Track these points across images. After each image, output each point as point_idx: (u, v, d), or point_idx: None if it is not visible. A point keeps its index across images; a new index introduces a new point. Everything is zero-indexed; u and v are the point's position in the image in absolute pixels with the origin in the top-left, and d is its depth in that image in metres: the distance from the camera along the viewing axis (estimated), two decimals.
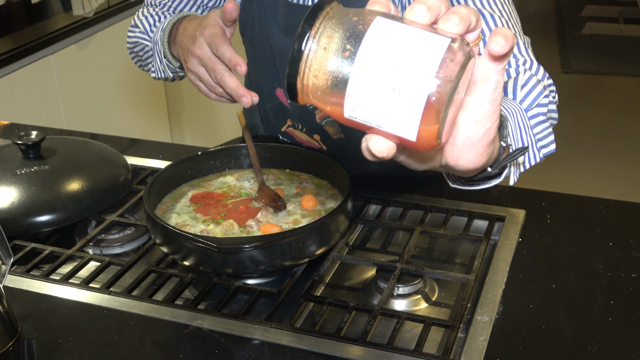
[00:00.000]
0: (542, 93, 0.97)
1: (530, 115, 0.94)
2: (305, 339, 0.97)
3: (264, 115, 1.44)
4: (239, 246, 1.00)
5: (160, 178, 1.21)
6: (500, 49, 0.62)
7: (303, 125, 1.35)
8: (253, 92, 1.08)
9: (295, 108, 1.33)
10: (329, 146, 1.36)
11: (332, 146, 1.35)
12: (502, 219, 1.23)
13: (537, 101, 0.96)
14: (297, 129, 1.36)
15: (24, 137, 1.28)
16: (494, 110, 0.66)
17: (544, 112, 0.97)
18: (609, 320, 0.99)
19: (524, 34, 1.22)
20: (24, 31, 2.44)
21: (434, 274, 1.11)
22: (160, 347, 0.97)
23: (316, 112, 1.31)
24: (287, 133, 1.40)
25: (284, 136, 1.42)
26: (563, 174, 3.62)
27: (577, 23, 5.57)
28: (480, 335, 0.96)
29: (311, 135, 1.35)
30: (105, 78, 2.85)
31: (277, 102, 1.36)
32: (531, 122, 0.94)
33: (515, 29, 1.11)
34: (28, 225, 1.20)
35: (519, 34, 1.13)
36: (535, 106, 0.96)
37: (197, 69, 1.13)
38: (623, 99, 4.47)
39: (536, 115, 0.95)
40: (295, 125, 1.36)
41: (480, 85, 0.65)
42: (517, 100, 0.95)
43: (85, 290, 1.08)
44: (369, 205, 1.30)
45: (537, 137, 0.95)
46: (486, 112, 0.66)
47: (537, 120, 0.95)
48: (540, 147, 0.96)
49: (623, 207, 1.27)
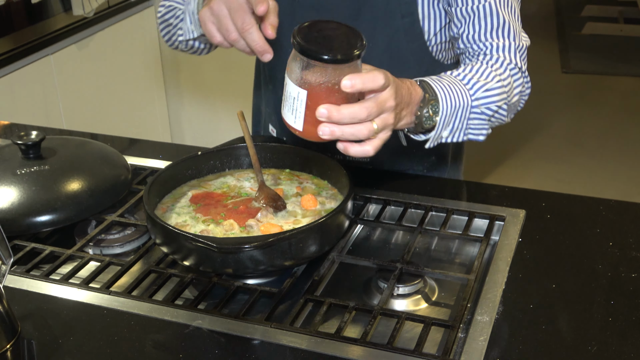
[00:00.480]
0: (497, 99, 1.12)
1: (474, 111, 1.11)
2: (305, 339, 0.97)
3: (273, 90, 1.43)
4: (239, 246, 1.00)
5: (160, 178, 1.21)
6: (348, 89, 0.88)
7: None
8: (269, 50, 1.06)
9: None
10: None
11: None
12: (502, 219, 1.23)
13: (488, 103, 1.12)
14: None
15: (24, 137, 1.28)
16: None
17: (488, 114, 1.13)
18: (609, 320, 0.99)
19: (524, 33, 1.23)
20: (24, 31, 2.45)
21: (434, 274, 1.11)
22: (160, 347, 0.97)
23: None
24: None
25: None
26: (563, 174, 3.63)
27: (577, 23, 5.57)
28: (480, 335, 0.96)
29: None
30: (105, 78, 2.85)
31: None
32: (471, 115, 1.11)
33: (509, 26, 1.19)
34: (28, 225, 1.20)
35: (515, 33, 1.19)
36: (483, 106, 1.12)
37: (221, 9, 1.06)
38: (623, 99, 4.47)
39: (479, 114, 1.12)
40: None
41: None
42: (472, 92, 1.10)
43: (85, 290, 1.08)
44: (369, 205, 1.30)
45: (470, 126, 1.12)
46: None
47: (477, 117, 1.12)
48: (468, 134, 1.13)
49: (623, 207, 1.27)
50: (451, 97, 1.07)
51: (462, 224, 1.24)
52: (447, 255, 1.22)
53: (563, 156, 3.81)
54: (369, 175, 1.39)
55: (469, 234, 1.20)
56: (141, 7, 3.01)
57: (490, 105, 1.12)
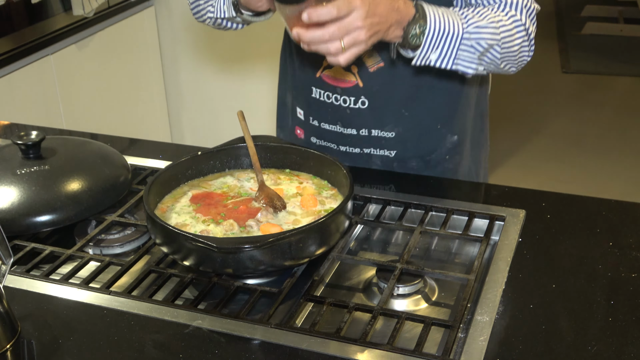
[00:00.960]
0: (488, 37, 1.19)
1: (464, 42, 1.18)
2: (305, 339, 0.97)
3: (298, 65, 1.44)
4: (239, 246, 1.00)
5: (160, 178, 1.21)
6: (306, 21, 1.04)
7: None
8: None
9: None
10: (365, 80, 1.35)
11: (368, 80, 1.35)
12: (502, 219, 1.23)
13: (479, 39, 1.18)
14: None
15: (24, 137, 1.28)
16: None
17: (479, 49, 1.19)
18: (609, 320, 0.99)
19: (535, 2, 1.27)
20: (24, 31, 2.45)
21: (434, 274, 1.11)
22: (160, 347, 0.97)
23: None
24: (322, 80, 1.39)
25: (319, 86, 1.40)
26: (563, 174, 3.63)
27: (577, 23, 5.57)
28: (480, 335, 0.96)
29: (349, 68, 1.35)
30: (105, 78, 2.85)
31: None
32: (461, 46, 1.18)
33: None
34: (28, 225, 1.20)
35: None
36: (473, 40, 1.18)
37: None
38: (623, 99, 4.47)
39: (469, 46, 1.18)
40: None
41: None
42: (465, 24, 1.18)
43: (85, 290, 1.08)
44: (369, 205, 1.30)
45: (460, 57, 1.19)
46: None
47: (467, 49, 1.18)
48: (457, 64, 1.20)
49: (623, 207, 1.27)
50: (441, 22, 1.16)
51: (462, 224, 1.24)
52: (447, 255, 1.22)
53: (563, 156, 3.81)
54: (369, 175, 1.39)
55: (469, 234, 1.20)
56: (141, 7, 3.01)
57: (481, 42, 1.19)
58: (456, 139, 1.42)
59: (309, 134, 1.47)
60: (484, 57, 1.21)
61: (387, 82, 1.34)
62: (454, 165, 1.44)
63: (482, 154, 1.52)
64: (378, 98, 1.36)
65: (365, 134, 1.39)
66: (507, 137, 3.92)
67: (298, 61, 1.44)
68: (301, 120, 1.47)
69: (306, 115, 1.46)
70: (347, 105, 1.38)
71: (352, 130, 1.40)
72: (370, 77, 1.35)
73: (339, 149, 1.43)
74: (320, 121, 1.43)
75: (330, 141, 1.44)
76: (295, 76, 1.46)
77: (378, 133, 1.39)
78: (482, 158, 1.52)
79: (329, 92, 1.39)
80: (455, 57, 1.19)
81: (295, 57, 1.44)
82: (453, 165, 1.44)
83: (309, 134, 1.47)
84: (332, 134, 1.43)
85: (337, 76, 1.37)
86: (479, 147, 1.50)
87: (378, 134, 1.39)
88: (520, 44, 1.24)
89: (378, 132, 1.39)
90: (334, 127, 1.41)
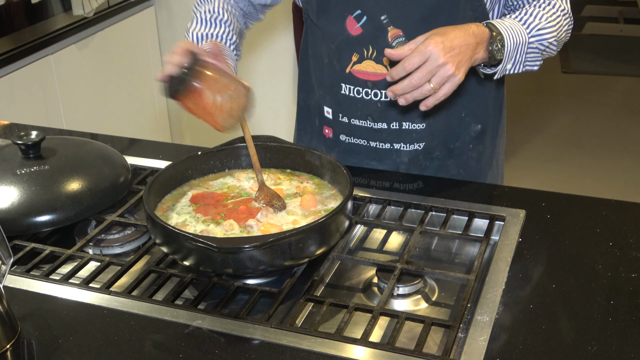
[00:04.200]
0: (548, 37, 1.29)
1: (530, 47, 1.29)
2: (305, 339, 0.97)
3: (327, 64, 1.45)
4: (239, 246, 1.00)
5: (160, 178, 1.21)
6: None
7: (373, 48, 1.36)
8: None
9: (367, 32, 1.35)
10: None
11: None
12: (502, 219, 1.23)
13: (541, 40, 1.29)
14: (366, 57, 1.37)
15: (24, 137, 1.28)
16: None
17: (541, 48, 1.30)
18: (609, 320, 0.99)
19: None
20: (24, 31, 2.44)
21: (434, 274, 1.11)
22: (160, 347, 0.97)
23: (388, 28, 1.33)
24: (352, 75, 1.39)
25: (348, 81, 1.40)
26: (563, 174, 3.63)
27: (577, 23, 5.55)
28: (480, 335, 0.96)
29: (380, 60, 1.36)
30: (105, 78, 2.85)
31: (343, 36, 1.37)
32: (528, 50, 1.29)
33: None
34: (28, 225, 1.20)
35: None
36: (537, 42, 1.29)
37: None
38: (623, 99, 4.47)
39: (534, 48, 1.29)
40: (363, 55, 1.37)
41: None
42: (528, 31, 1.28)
43: (85, 290, 1.08)
44: (369, 205, 1.30)
45: (527, 59, 1.30)
46: None
47: (532, 51, 1.29)
48: (525, 66, 1.31)
49: (623, 207, 1.27)
50: (513, 35, 1.26)
51: (462, 224, 1.24)
52: (447, 255, 1.22)
53: (563, 156, 3.80)
54: (369, 175, 1.39)
55: (469, 234, 1.20)
56: (141, 7, 3.01)
57: (543, 42, 1.29)
58: (480, 128, 1.44)
59: (338, 132, 1.47)
60: (545, 53, 1.32)
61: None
62: (477, 154, 1.47)
63: (500, 144, 1.55)
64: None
65: (396, 127, 1.40)
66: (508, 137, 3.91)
67: (325, 61, 1.44)
68: (329, 119, 1.48)
69: (335, 113, 1.46)
70: (377, 99, 1.38)
71: (382, 125, 1.40)
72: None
73: (369, 145, 1.44)
74: (350, 117, 1.44)
75: (361, 137, 1.45)
76: (322, 76, 1.47)
77: (409, 126, 1.40)
78: (500, 148, 1.55)
79: (359, 87, 1.40)
80: (525, 61, 1.29)
81: (322, 58, 1.45)
82: (476, 154, 1.47)
83: (338, 132, 1.47)
84: (362, 130, 1.43)
85: (367, 70, 1.37)
86: (499, 137, 1.53)
87: (409, 127, 1.41)
88: (568, 30, 1.36)
89: (409, 124, 1.40)
90: (364, 123, 1.42)
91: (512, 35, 1.25)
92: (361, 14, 1.34)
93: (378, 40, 1.35)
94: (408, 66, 1.14)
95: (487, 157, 1.50)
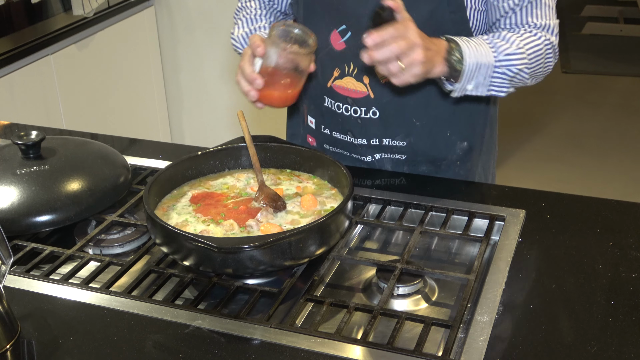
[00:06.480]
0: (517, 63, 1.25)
1: (496, 70, 1.24)
2: (305, 339, 0.97)
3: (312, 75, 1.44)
4: (239, 246, 1.00)
5: (160, 178, 1.21)
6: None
7: (355, 65, 1.35)
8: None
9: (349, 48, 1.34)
10: (376, 90, 1.36)
11: (379, 90, 1.36)
12: (502, 219, 1.23)
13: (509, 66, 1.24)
14: (347, 73, 1.37)
15: (24, 137, 1.28)
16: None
17: (509, 75, 1.25)
18: (609, 320, 0.99)
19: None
20: (24, 31, 2.45)
21: (434, 274, 1.11)
22: (160, 347, 0.97)
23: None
24: (333, 89, 1.39)
25: (330, 95, 1.40)
26: (563, 174, 3.63)
27: (577, 23, 5.57)
28: (480, 335, 0.96)
29: (360, 78, 1.35)
30: (105, 78, 2.85)
31: (327, 50, 1.37)
32: (494, 73, 1.24)
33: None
34: (28, 225, 1.20)
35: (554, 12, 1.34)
36: (504, 67, 1.25)
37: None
38: (623, 99, 4.47)
39: (501, 73, 1.25)
40: (344, 70, 1.37)
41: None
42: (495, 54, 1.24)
43: (85, 290, 1.08)
44: (369, 205, 1.30)
45: (492, 83, 1.25)
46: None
47: (499, 75, 1.25)
48: (490, 90, 1.27)
49: (623, 207, 1.27)
50: (475, 53, 1.22)
51: (462, 224, 1.24)
52: (447, 255, 1.22)
53: (563, 156, 3.80)
54: (369, 175, 1.39)
55: (469, 234, 1.20)
56: (141, 7, 3.01)
57: (511, 68, 1.25)
58: (466, 145, 1.42)
59: (321, 142, 1.48)
60: (514, 80, 1.27)
61: (397, 93, 1.34)
62: (465, 171, 1.44)
63: (490, 159, 1.53)
64: (389, 108, 1.36)
65: (376, 144, 1.40)
66: (507, 137, 3.92)
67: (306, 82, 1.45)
68: (312, 129, 1.48)
69: (317, 124, 1.47)
70: (357, 115, 1.38)
71: (362, 140, 1.40)
72: (381, 87, 1.35)
73: (351, 156, 1.44)
74: (331, 130, 1.44)
75: (342, 149, 1.45)
76: (307, 86, 1.46)
77: (389, 142, 1.40)
78: (490, 163, 1.54)
79: (339, 102, 1.39)
80: (489, 85, 1.26)
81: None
82: (464, 171, 1.44)
83: (320, 142, 1.48)
84: (343, 143, 1.44)
85: (348, 86, 1.37)
86: (488, 153, 1.51)
87: (389, 143, 1.40)
88: (548, 62, 1.31)
89: (389, 140, 1.39)
90: (345, 137, 1.42)
91: (474, 52, 1.22)
92: (346, 29, 1.33)
93: (360, 58, 1.34)
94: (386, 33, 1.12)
95: (477, 173, 1.47)
